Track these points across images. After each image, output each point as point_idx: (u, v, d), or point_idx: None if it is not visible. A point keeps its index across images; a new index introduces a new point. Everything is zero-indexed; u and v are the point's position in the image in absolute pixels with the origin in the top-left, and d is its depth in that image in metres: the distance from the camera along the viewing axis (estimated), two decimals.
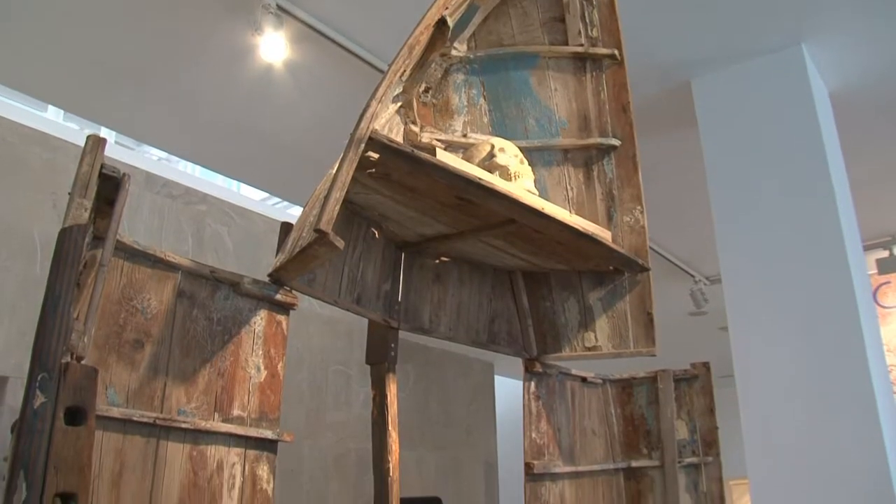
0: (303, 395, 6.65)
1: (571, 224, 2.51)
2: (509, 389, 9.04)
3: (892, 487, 3.43)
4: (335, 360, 6.77)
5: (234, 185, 6.42)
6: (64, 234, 1.56)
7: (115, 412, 1.84)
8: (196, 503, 1.98)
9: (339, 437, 6.94)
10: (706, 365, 3.56)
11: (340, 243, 1.87)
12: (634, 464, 3.33)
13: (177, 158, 5.84)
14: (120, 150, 5.44)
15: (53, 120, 5.04)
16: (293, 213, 6.41)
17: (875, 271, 6.28)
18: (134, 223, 4.91)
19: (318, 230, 1.83)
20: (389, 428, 2.46)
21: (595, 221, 2.79)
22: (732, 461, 3.44)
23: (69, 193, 1.66)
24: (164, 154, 5.92)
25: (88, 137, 1.75)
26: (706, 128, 4.27)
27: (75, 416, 1.47)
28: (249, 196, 6.30)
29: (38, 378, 1.43)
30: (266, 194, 6.58)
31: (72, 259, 1.52)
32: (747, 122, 4.14)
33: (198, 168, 5.98)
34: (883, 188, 5.35)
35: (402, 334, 2.67)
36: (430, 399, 7.84)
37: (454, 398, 8.11)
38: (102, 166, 1.73)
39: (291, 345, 2.37)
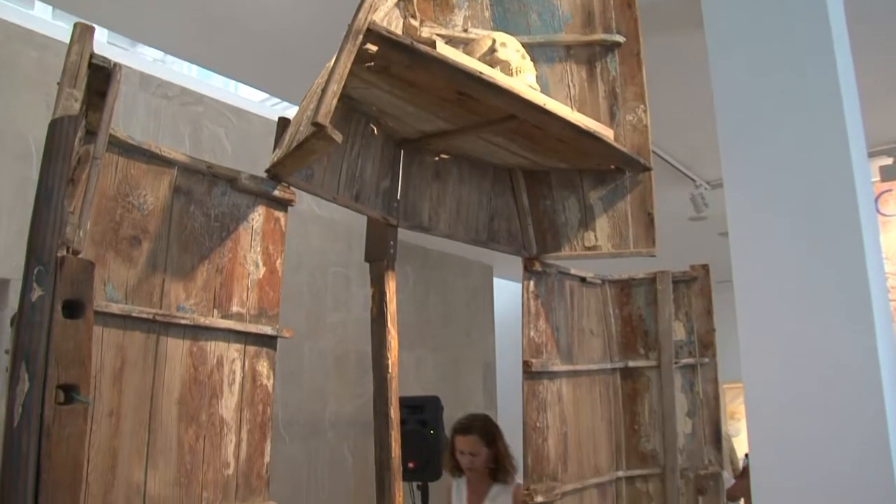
0: (302, 296, 6.68)
1: (573, 121, 2.47)
2: (508, 292, 9.09)
3: (882, 391, 3.48)
4: (334, 261, 6.79)
5: (231, 85, 6.30)
6: (54, 125, 1.52)
7: (115, 308, 1.84)
8: (197, 398, 1.99)
9: (338, 338, 7.02)
10: (705, 267, 3.56)
11: (338, 136, 1.83)
12: (631, 364, 3.37)
13: (172, 59, 5.72)
14: (113, 51, 5.31)
15: (41, 18, 4.90)
16: (292, 113, 6.31)
17: (878, 178, 6.23)
18: (129, 125, 4.83)
19: (315, 123, 1.79)
20: (388, 325, 2.47)
21: (597, 119, 2.75)
22: (727, 365, 3.47)
23: (58, 84, 1.62)
24: (158, 55, 5.79)
25: (76, 25, 1.69)
26: (712, 28, 4.16)
27: (73, 309, 1.47)
28: (248, 97, 6.18)
29: (35, 271, 1.42)
30: (265, 95, 6.46)
31: (63, 151, 1.49)
32: (755, 23, 4.03)
33: (194, 68, 5.86)
34: (892, 93, 5.25)
35: (401, 235, 2.65)
36: (430, 301, 7.89)
37: (453, 300, 8.17)
38: (92, 55, 1.68)
39: (290, 247, 2.36)
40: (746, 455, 6.88)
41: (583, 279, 3.25)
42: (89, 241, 1.77)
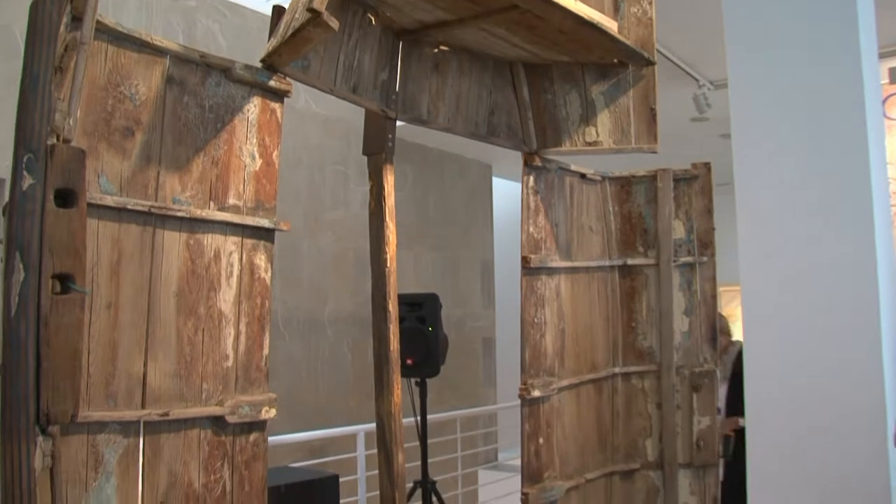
0: (300, 194, 6.65)
1: (575, 11, 2.39)
2: (507, 191, 9.07)
3: (877, 293, 3.50)
4: (332, 159, 6.73)
5: None
6: (36, 7, 1.46)
7: (109, 200, 1.81)
8: (195, 291, 1.99)
9: (337, 236, 7.02)
10: (707, 165, 3.53)
11: (335, 23, 1.77)
12: (630, 261, 3.37)
13: None
14: None
15: None
16: (287, 2, 6.14)
17: (887, 80, 6.11)
18: (119, 20, 4.70)
19: (311, 9, 1.73)
20: (387, 220, 2.45)
21: (601, 11, 2.67)
22: (723, 268, 3.47)
23: None
24: None
25: None
26: None
27: (66, 198, 1.44)
28: None
29: (24, 159, 1.39)
30: None
31: (47, 35, 1.44)
32: None
33: None
34: None
35: (399, 133, 2.61)
36: (428, 199, 7.87)
37: (452, 199, 8.14)
38: None
39: (288, 145, 2.32)
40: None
41: (583, 175, 3.22)
42: (80, 132, 1.73)
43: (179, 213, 1.95)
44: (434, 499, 5.57)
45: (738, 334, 7.24)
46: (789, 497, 3.66)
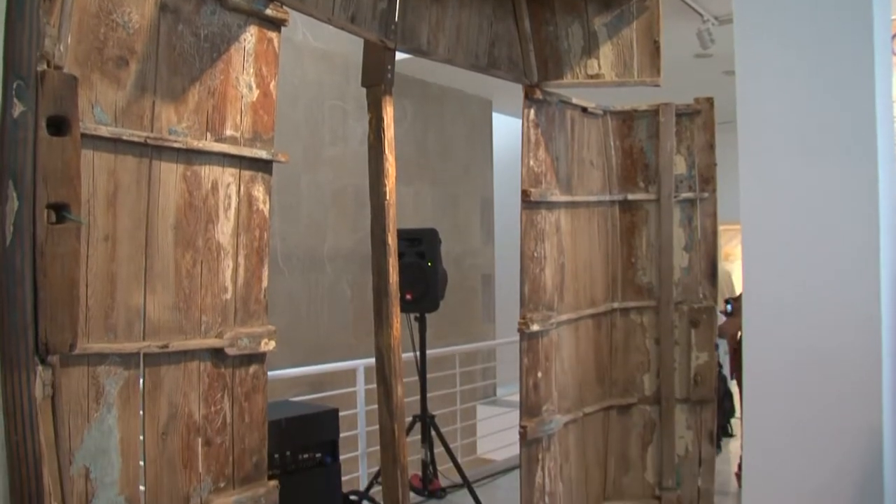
0: (299, 130, 6.60)
1: None
2: (507, 127, 8.99)
3: (878, 233, 3.48)
4: (331, 95, 6.65)
5: None
6: None
7: (104, 131, 1.78)
8: (193, 223, 1.97)
9: (336, 172, 6.98)
10: (709, 100, 3.48)
11: None
12: (631, 196, 3.35)
13: None
14: None
15: None
16: None
17: None
18: None
19: None
20: (386, 152, 2.42)
21: None
22: (722, 206, 3.44)
23: None
24: None
25: None
26: None
27: (59, 126, 1.42)
28: None
29: (14, 86, 1.36)
30: None
31: None
32: None
33: None
34: None
35: (399, 68, 2.56)
36: (428, 135, 7.80)
37: (452, 134, 8.08)
38: None
39: (286, 80, 2.28)
40: (728, 300, 6.99)
41: (584, 109, 3.18)
42: (73, 61, 1.69)
43: (176, 145, 1.92)
44: (433, 433, 5.64)
45: (737, 274, 7.26)
46: (784, 437, 3.70)
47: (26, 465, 1.40)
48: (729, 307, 6.53)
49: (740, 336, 4.59)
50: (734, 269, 9.68)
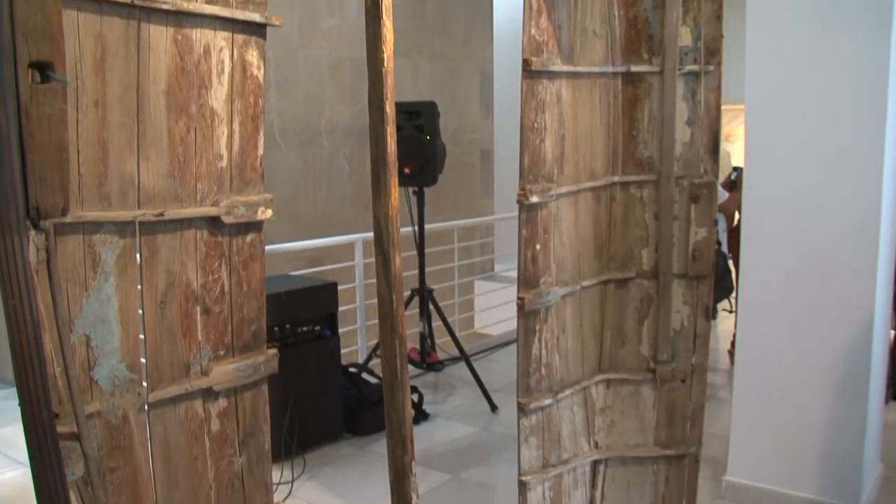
0: (294, 1, 6.42)
1: None
2: (507, 1, 8.76)
3: (885, 117, 3.43)
4: None
5: None
6: None
7: None
8: (185, 89, 1.92)
9: (333, 45, 6.83)
10: None
11: None
12: (634, 68, 3.26)
13: None
14: None
15: None
16: None
17: None
18: None
19: None
20: (383, 17, 2.33)
21: None
22: (727, 86, 3.36)
23: None
24: None
25: None
26: None
27: None
28: None
29: None
30: None
31: None
32: None
33: None
34: None
35: None
36: (426, 6, 7.60)
37: (451, 6, 7.87)
38: None
39: None
40: (735, 168, 6.96)
41: None
42: None
43: (165, 6, 1.85)
44: (431, 307, 5.71)
45: (737, 154, 7.21)
46: (778, 315, 3.74)
47: (25, 329, 1.40)
48: (734, 175, 6.49)
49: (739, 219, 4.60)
50: (734, 150, 9.63)
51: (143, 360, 1.89)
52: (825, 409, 3.69)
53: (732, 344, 5.45)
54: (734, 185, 6.74)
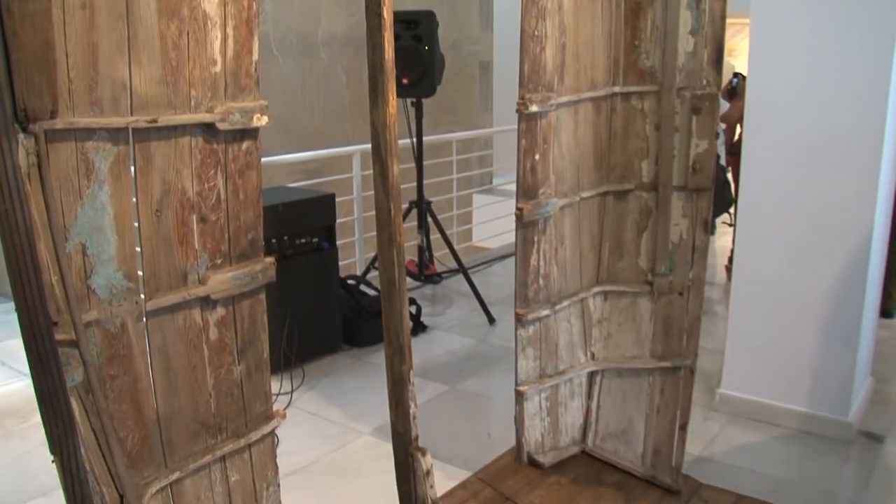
0: None
1: None
2: None
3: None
4: None
5: None
6: None
7: None
8: None
9: None
10: None
11: None
12: None
13: None
14: None
15: None
16: None
17: None
18: None
19: None
20: None
21: None
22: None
23: None
24: None
25: None
26: None
27: None
28: None
29: None
30: None
31: None
32: None
33: None
34: None
35: None
36: None
37: None
38: None
39: None
40: (736, 75, 6.84)
41: None
42: None
43: None
44: (429, 219, 5.70)
45: (740, 67, 7.08)
46: (777, 226, 3.73)
47: (18, 234, 1.39)
48: (735, 81, 6.39)
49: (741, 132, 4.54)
50: (738, 64, 9.47)
51: (139, 271, 1.88)
52: (820, 324, 3.71)
53: (730, 259, 5.47)
54: (734, 92, 6.63)
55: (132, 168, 1.83)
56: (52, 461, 1.52)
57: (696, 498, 3.10)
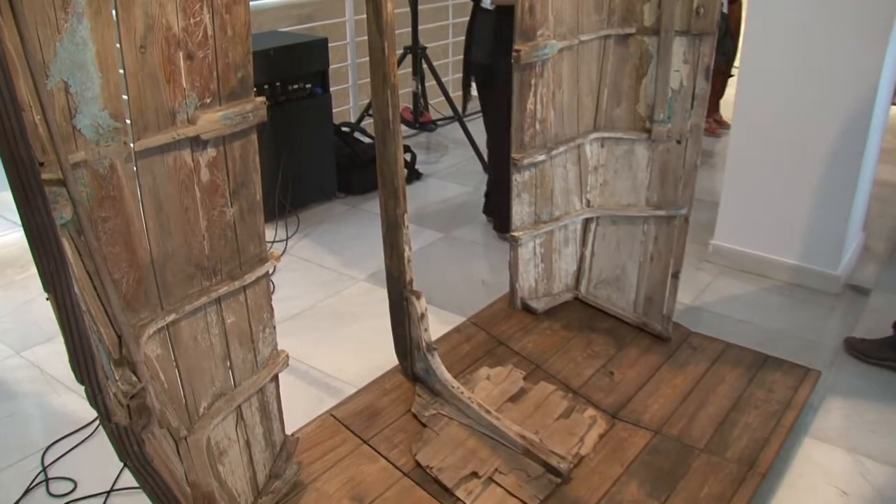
0: None
1: None
2: None
3: None
4: None
5: None
6: None
7: None
8: None
9: None
10: None
11: None
12: None
13: None
14: None
15: None
16: None
17: None
18: None
19: None
20: None
21: None
22: None
23: None
24: None
25: None
26: None
27: None
28: None
29: None
30: None
31: None
32: None
33: None
34: None
35: None
36: None
37: None
38: None
39: None
40: None
41: None
42: None
43: None
44: (424, 65, 5.57)
45: None
46: (783, 83, 3.64)
47: None
48: None
49: None
50: None
51: (126, 100, 1.82)
52: (816, 178, 3.69)
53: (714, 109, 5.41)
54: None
55: (112, 1, 1.74)
56: (47, 299, 1.51)
57: (686, 345, 3.16)
